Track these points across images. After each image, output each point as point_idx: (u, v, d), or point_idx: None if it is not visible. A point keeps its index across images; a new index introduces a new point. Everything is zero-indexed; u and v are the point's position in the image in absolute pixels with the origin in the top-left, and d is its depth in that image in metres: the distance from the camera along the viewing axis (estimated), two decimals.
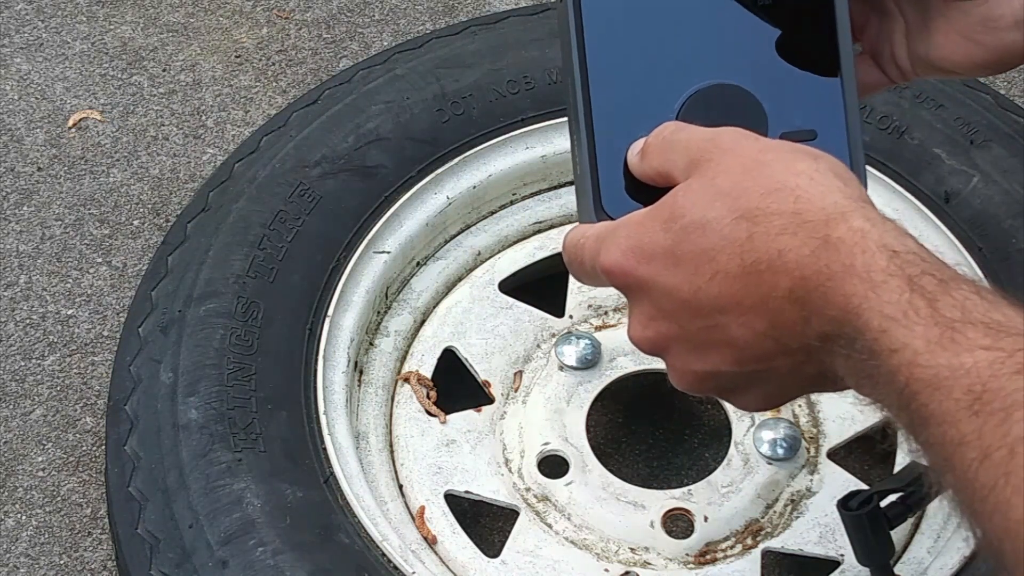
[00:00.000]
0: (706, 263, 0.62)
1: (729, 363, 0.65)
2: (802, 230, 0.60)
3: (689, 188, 0.63)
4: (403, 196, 1.30)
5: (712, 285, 0.62)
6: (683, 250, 0.63)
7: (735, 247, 0.61)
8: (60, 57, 1.71)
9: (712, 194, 0.62)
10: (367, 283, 1.27)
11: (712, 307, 0.63)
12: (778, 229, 0.60)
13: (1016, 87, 1.67)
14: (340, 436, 1.16)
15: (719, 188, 0.62)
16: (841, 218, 0.60)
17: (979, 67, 0.74)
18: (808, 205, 0.60)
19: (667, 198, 0.64)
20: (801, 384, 0.66)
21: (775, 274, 0.60)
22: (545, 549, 1.17)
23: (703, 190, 0.63)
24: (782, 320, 0.61)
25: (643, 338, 0.69)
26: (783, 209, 0.60)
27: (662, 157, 0.66)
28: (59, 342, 1.43)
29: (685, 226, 0.63)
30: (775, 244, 0.60)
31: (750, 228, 0.61)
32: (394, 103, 1.35)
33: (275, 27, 1.75)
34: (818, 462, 1.22)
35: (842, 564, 1.15)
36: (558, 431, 1.23)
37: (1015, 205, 1.26)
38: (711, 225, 0.62)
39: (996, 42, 0.72)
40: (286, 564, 1.05)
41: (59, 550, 1.28)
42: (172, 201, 1.55)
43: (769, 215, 0.60)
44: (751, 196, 0.61)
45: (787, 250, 0.60)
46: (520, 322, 1.32)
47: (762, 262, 0.61)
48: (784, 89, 0.68)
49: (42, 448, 1.34)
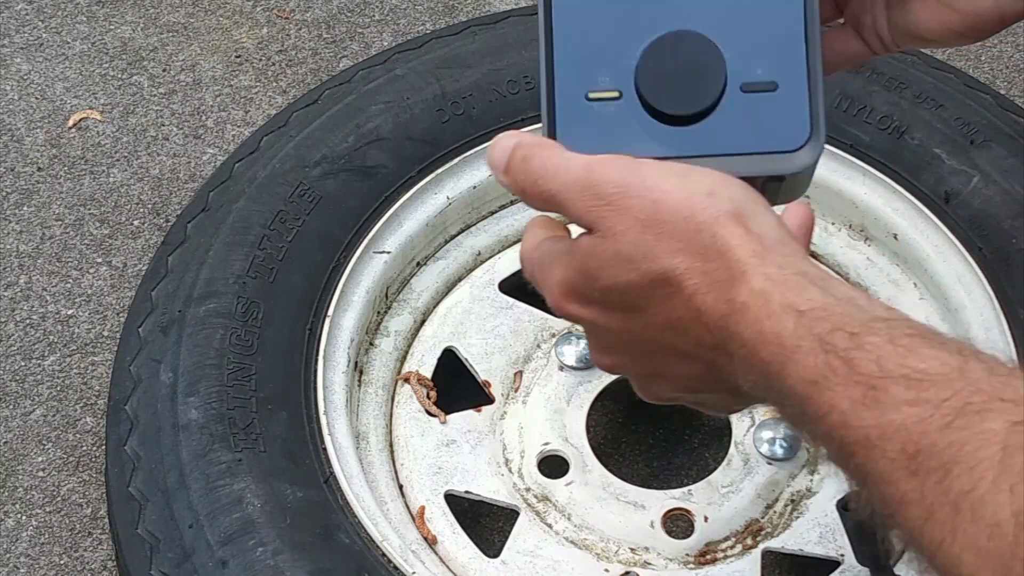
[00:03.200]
0: (635, 316, 0.64)
1: (681, 389, 0.67)
2: (713, 290, 0.60)
3: (594, 253, 0.64)
4: (403, 196, 1.30)
5: (647, 332, 0.64)
6: (611, 302, 0.64)
7: (658, 306, 0.62)
8: (60, 57, 1.71)
9: (620, 260, 0.62)
10: (367, 283, 1.27)
11: (653, 348, 0.65)
12: (691, 289, 0.61)
13: (1016, 87, 1.67)
14: (340, 436, 1.16)
15: (624, 254, 0.62)
16: (742, 279, 0.59)
17: (956, 34, 0.76)
18: (713, 263, 0.60)
19: (577, 258, 0.65)
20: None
21: (700, 330, 0.61)
22: (545, 549, 1.17)
23: (609, 257, 0.63)
24: (718, 366, 0.62)
25: (601, 363, 0.71)
26: (692, 267, 0.61)
27: (536, 190, 0.66)
28: (59, 342, 1.43)
29: (605, 288, 0.64)
30: (693, 304, 0.61)
31: (667, 290, 0.61)
32: (394, 103, 1.35)
33: (275, 27, 1.75)
34: (818, 462, 1.22)
35: (842, 564, 1.15)
36: (558, 431, 1.23)
37: (1015, 205, 1.26)
38: (630, 290, 0.63)
39: (970, 8, 0.74)
40: (286, 564, 1.05)
41: (59, 550, 1.28)
42: (172, 201, 1.55)
43: (681, 276, 0.61)
44: (660, 259, 0.61)
45: (704, 311, 0.61)
46: (520, 322, 1.32)
47: (685, 319, 0.62)
48: (747, 40, 0.68)
49: (42, 448, 1.34)
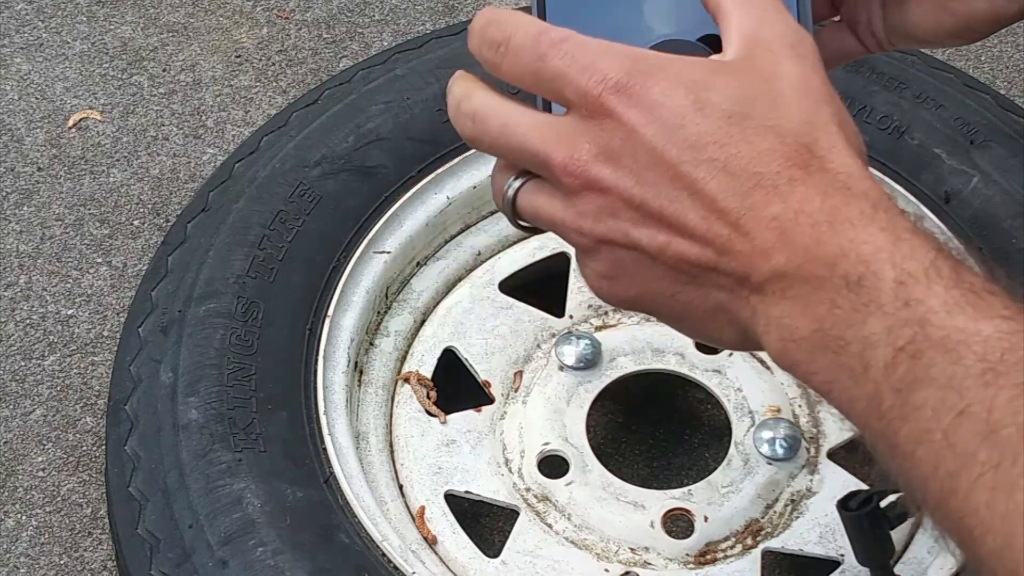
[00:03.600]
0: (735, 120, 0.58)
1: (658, 246, 0.59)
2: (815, 176, 0.57)
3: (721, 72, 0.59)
4: (403, 196, 1.30)
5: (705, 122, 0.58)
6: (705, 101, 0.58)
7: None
8: (60, 57, 1.71)
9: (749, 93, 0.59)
10: (367, 283, 1.27)
11: (692, 143, 0.58)
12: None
13: (1016, 87, 1.67)
14: (340, 436, 1.16)
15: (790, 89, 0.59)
16: (860, 177, 0.57)
17: (951, 35, 0.75)
18: (829, 162, 0.58)
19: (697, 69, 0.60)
20: (704, 315, 0.61)
21: (773, 157, 0.57)
22: (545, 549, 1.17)
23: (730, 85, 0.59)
24: (757, 198, 0.56)
25: (582, 172, 0.60)
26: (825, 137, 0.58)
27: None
28: (59, 342, 1.43)
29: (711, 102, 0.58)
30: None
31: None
32: (394, 103, 1.35)
33: (275, 27, 1.75)
34: (818, 462, 1.22)
35: (842, 564, 1.15)
36: (558, 431, 1.23)
37: (1015, 205, 1.26)
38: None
39: (965, 9, 0.74)
40: (286, 564, 1.05)
41: (59, 550, 1.28)
42: (172, 201, 1.55)
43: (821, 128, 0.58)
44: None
45: (797, 180, 0.57)
46: (520, 322, 1.32)
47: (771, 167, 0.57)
48: None
49: (42, 448, 1.34)
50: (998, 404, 0.50)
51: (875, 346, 0.53)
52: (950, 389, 0.51)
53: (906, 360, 0.52)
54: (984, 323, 0.52)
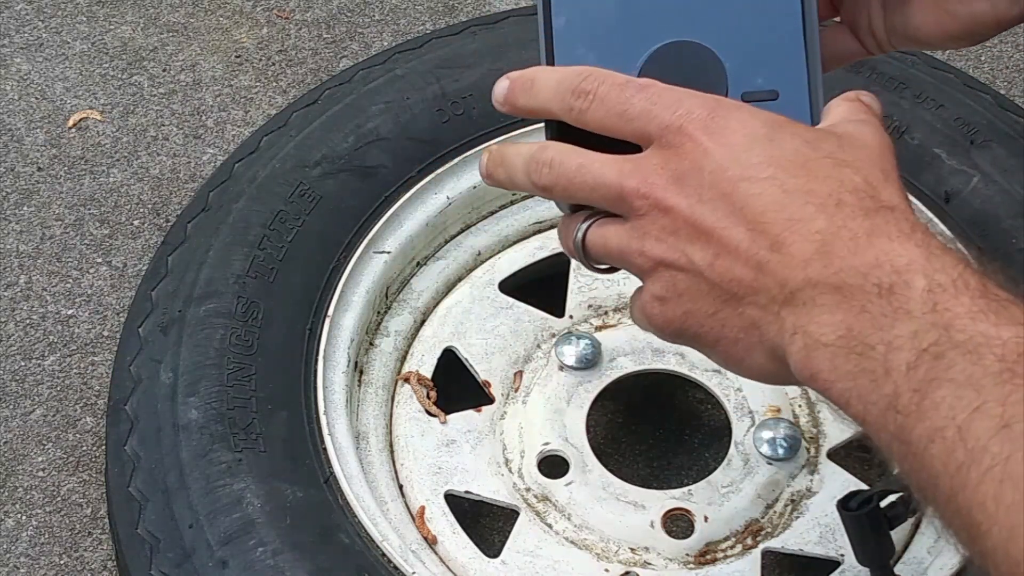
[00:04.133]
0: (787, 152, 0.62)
1: (708, 263, 0.62)
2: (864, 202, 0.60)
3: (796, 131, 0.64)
4: (403, 196, 1.30)
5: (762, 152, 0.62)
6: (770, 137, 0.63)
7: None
8: (60, 57, 1.71)
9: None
10: (367, 283, 1.27)
11: (756, 164, 0.61)
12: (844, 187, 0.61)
13: (1016, 87, 1.67)
14: (340, 436, 1.16)
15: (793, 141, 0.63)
16: (904, 206, 0.61)
17: (951, 38, 0.77)
18: (866, 193, 0.61)
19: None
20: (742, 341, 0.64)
21: (829, 177, 0.61)
22: (545, 549, 1.17)
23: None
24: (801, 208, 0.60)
25: (652, 193, 0.63)
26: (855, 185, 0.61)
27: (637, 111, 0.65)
28: (59, 342, 1.43)
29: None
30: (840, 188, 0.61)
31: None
32: (394, 103, 1.35)
33: (275, 27, 1.75)
34: (818, 462, 1.22)
35: (842, 564, 1.15)
36: (558, 431, 1.23)
37: (1015, 205, 1.26)
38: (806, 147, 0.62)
39: (966, 13, 0.74)
40: (286, 564, 1.05)
41: (59, 550, 1.28)
42: (172, 201, 1.55)
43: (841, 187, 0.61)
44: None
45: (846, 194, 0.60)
46: (520, 322, 1.32)
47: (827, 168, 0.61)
48: (747, 49, 0.68)
49: (42, 448, 1.34)
50: (1013, 400, 0.51)
51: (899, 349, 0.55)
52: (968, 387, 0.53)
53: (928, 361, 0.54)
54: (1005, 329, 0.54)
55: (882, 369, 0.56)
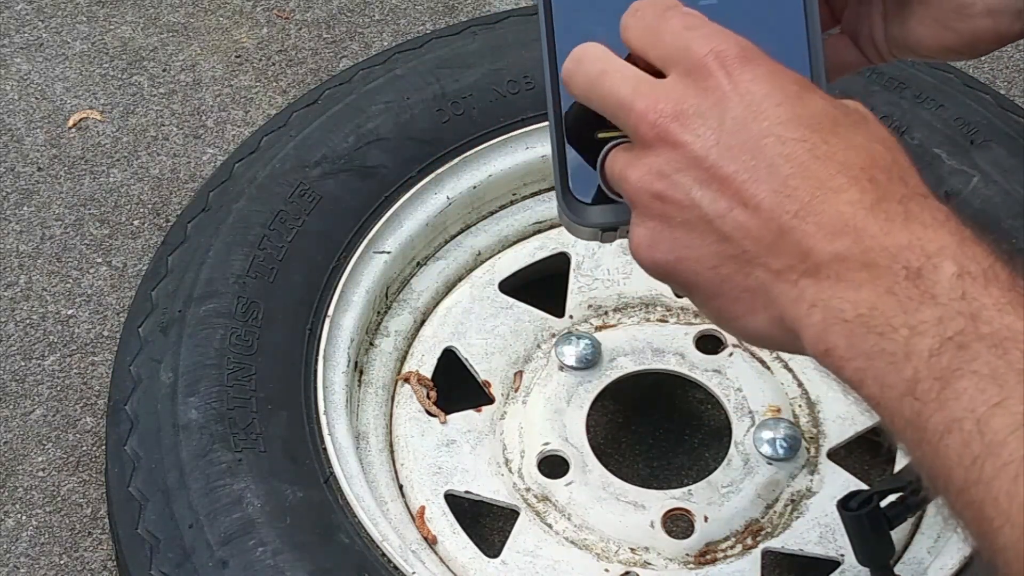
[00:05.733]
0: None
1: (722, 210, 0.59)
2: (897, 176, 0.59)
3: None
4: (403, 196, 1.30)
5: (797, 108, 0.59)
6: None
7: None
8: (60, 57, 1.71)
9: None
10: (367, 283, 1.27)
11: (785, 121, 0.59)
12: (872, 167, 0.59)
13: (1016, 87, 1.67)
14: (340, 436, 1.16)
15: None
16: (934, 197, 0.59)
17: (951, 51, 0.76)
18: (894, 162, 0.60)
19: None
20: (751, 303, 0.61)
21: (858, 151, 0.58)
22: (545, 549, 1.17)
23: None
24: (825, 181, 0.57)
25: (659, 122, 0.60)
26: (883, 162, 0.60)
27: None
28: (59, 342, 1.43)
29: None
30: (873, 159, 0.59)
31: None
32: (394, 103, 1.36)
33: (275, 27, 1.75)
34: (818, 462, 1.22)
35: (842, 564, 1.15)
36: (558, 431, 1.23)
37: (1015, 205, 1.26)
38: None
39: (967, 28, 0.74)
40: (286, 564, 1.05)
41: (59, 550, 1.28)
42: (172, 201, 1.55)
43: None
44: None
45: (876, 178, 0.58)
46: (520, 322, 1.32)
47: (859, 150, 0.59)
48: None
49: (42, 448, 1.34)
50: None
51: (923, 335, 0.54)
52: (991, 381, 0.52)
53: (952, 349, 0.53)
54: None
55: (903, 352, 0.54)
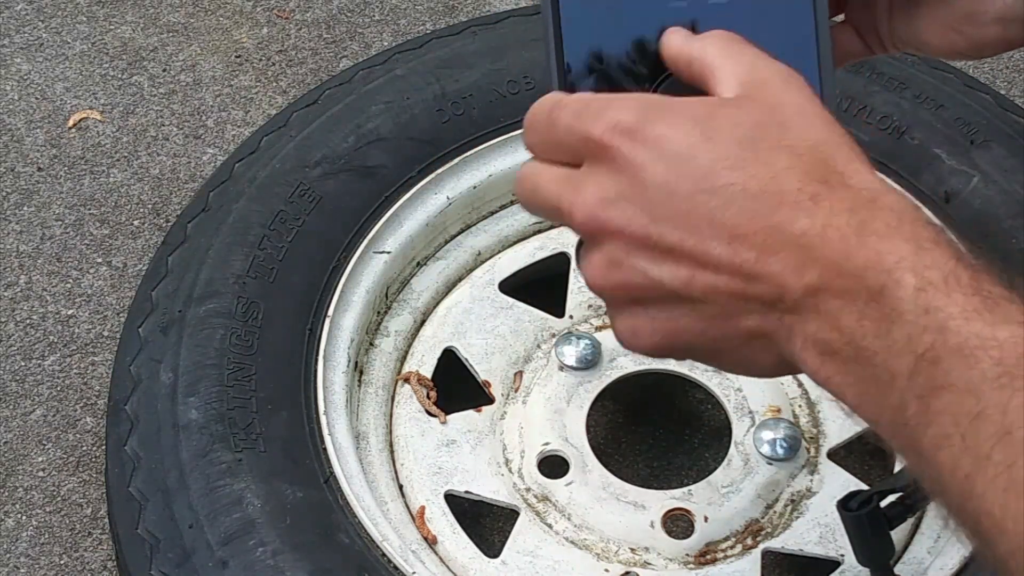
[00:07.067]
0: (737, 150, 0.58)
1: (683, 279, 0.58)
2: (843, 194, 0.57)
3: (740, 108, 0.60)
4: (403, 196, 1.30)
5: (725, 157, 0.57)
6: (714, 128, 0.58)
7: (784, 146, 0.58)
8: (60, 57, 1.71)
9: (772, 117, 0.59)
10: (367, 283, 1.27)
11: (705, 171, 0.57)
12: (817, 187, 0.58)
13: (1016, 87, 1.67)
14: (340, 436, 1.16)
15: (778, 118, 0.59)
16: (884, 192, 0.58)
17: (958, 53, 0.75)
18: (856, 181, 0.58)
19: (711, 105, 0.60)
20: (747, 351, 0.60)
21: (792, 174, 0.57)
22: (545, 549, 1.17)
23: (753, 116, 0.59)
24: (774, 236, 0.56)
25: (590, 217, 0.59)
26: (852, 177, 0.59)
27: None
28: (59, 342, 1.43)
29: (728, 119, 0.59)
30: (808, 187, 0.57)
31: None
32: (394, 103, 1.35)
33: (275, 27, 1.75)
34: (818, 462, 1.22)
35: (842, 564, 1.15)
36: (558, 431, 1.23)
37: (1015, 205, 1.26)
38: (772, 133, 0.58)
39: (976, 34, 0.73)
40: (286, 564, 1.05)
41: (59, 550, 1.28)
42: (172, 201, 1.55)
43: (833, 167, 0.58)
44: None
45: (820, 195, 0.56)
46: (520, 322, 1.32)
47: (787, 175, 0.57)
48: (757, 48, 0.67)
49: (42, 448, 1.34)
50: (1013, 406, 0.50)
51: (899, 355, 0.54)
52: (968, 393, 0.51)
53: (926, 367, 0.53)
54: (1001, 329, 0.52)
55: (887, 376, 0.54)
